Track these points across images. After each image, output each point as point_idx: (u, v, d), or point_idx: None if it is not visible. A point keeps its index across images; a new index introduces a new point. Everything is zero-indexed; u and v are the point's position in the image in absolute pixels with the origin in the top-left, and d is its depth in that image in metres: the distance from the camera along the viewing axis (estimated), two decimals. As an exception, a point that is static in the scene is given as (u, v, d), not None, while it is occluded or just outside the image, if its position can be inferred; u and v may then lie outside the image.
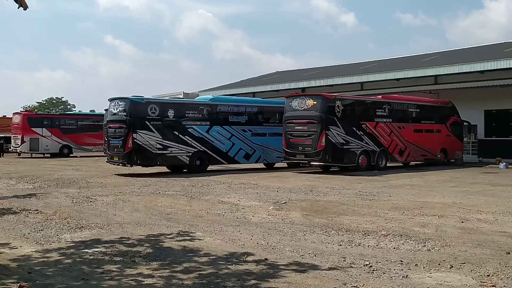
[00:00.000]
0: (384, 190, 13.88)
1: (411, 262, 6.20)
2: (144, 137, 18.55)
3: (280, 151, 21.67)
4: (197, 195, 12.84)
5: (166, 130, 19.17)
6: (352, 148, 20.00)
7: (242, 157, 21.38)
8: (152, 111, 18.79)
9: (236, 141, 21.14)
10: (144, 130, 18.56)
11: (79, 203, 11.55)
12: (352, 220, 9.27)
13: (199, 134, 19.97)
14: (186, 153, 19.61)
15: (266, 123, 22.50)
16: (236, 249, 6.90)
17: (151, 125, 18.71)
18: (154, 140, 18.77)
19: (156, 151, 18.83)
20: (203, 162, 20.15)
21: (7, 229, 8.44)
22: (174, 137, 19.31)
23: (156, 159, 19.03)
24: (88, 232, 8.23)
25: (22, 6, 4.40)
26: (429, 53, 34.78)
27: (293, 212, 10.21)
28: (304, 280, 5.44)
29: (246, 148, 21.46)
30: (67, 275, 5.62)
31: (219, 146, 20.59)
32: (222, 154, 20.73)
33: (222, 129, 20.77)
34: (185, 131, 19.59)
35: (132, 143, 18.34)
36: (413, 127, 22.62)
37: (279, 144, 21.67)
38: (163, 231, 8.25)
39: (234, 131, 21.13)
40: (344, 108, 19.85)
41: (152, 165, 19.47)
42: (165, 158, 19.32)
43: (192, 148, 19.78)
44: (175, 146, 19.33)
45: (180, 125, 19.54)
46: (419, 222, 9.03)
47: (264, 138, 22.11)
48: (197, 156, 19.92)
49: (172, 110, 19.42)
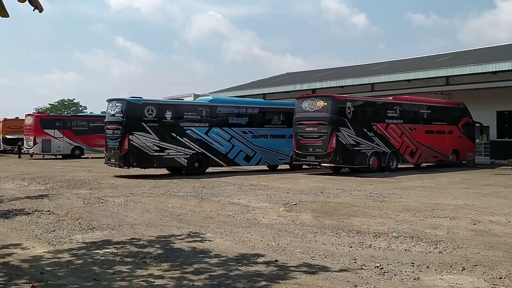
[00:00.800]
0: (395, 191, 13.80)
1: (423, 264, 6.17)
2: (141, 139, 18.34)
3: (282, 153, 21.66)
4: (207, 196, 12.86)
5: (164, 132, 18.93)
6: (363, 150, 19.90)
7: (242, 159, 21.03)
8: (149, 112, 18.55)
9: (236, 143, 20.76)
10: (140, 132, 18.35)
11: (90, 204, 11.62)
12: (362, 221, 9.23)
13: (197, 135, 19.68)
14: (184, 155, 19.31)
15: (267, 124, 22.09)
16: (247, 250, 6.90)
17: (148, 126, 18.48)
18: (151, 142, 18.54)
19: (153, 153, 18.60)
20: (202, 164, 19.86)
21: (19, 230, 8.52)
22: (172, 139, 19.06)
23: (153, 161, 18.80)
24: (99, 233, 8.28)
25: (37, 8, 4.43)
26: (440, 54, 34.55)
27: (304, 213, 10.20)
28: (315, 282, 5.43)
29: (246, 150, 21.07)
30: (78, 276, 5.66)
31: (218, 148, 20.24)
32: (222, 156, 20.37)
33: (222, 130, 20.40)
34: (183, 132, 19.31)
35: (129, 145, 18.15)
36: (424, 128, 22.46)
37: (280, 146, 21.67)
38: (174, 232, 8.27)
39: (234, 132, 20.74)
40: (354, 109, 19.77)
41: (149, 167, 19.25)
42: (162, 160, 19.06)
43: (190, 150, 19.47)
44: (172, 148, 19.08)
45: (178, 126, 19.26)
46: (430, 224, 8.97)
47: (265, 140, 21.71)
48: (196, 158, 19.62)
49: (169, 111, 19.15)
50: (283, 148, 21.92)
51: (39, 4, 4.45)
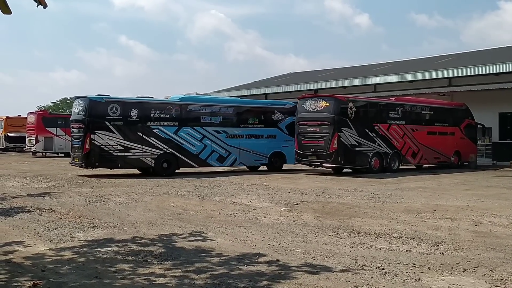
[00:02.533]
0: (397, 192, 13.80)
1: (424, 265, 6.17)
2: (104, 138, 17.72)
3: (258, 153, 21.17)
4: (209, 196, 12.87)
5: (129, 131, 18.24)
6: (365, 150, 19.90)
7: (215, 159, 20.17)
8: (113, 110, 17.90)
9: (208, 143, 19.94)
10: (103, 131, 17.72)
11: (92, 202, 11.64)
12: (364, 222, 9.23)
13: (166, 135, 18.94)
14: (151, 155, 18.60)
15: (243, 124, 21.14)
16: (248, 250, 6.91)
17: (111, 125, 17.84)
18: (115, 142, 17.91)
19: (116, 153, 17.97)
20: (171, 164, 19.13)
21: (21, 228, 8.54)
22: (138, 138, 18.36)
23: (117, 161, 18.15)
24: (101, 231, 8.30)
25: (41, 4, 4.43)
26: (443, 55, 34.55)
27: (305, 213, 10.20)
28: (316, 282, 5.43)
29: (220, 150, 20.23)
30: (80, 274, 5.68)
31: (189, 148, 19.47)
32: (193, 156, 19.58)
33: (193, 130, 19.60)
34: (150, 132, 18.60)
35: (90, 144, 17.57)
36: (426, 129, 22.44)
37: (257, 146, 21.14)
38: (175, 231, 8.29)
39: (207, 132, 19.92)
40: (356, 109, 19.77)
41: (113, 167, 18.47)
42: (127, 160, 18.32)
43: (158, 150, 18.76)
44: (138, 148, 18.39)
45: (144, 125, 18.57)
46: (432, 225, 8.97)
47: (240, 140, 20.83)
48: (164, 158, 18.89)
49: (135, 110, 18.40)
50: (260, 149, 21.31)
51: (43, 0, 4.45)
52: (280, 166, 21.86)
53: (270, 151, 21.48)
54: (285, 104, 22.77)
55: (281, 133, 21.80)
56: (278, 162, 21.80)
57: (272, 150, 21.56)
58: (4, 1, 4.31)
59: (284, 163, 21.97)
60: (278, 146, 21.71)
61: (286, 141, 21.72)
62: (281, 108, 22.24)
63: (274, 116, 21.85)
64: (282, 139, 21.76)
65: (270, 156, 21.52)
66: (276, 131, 21.75)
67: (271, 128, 21.70)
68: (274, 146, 21.63)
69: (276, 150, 21.64)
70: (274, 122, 21.78)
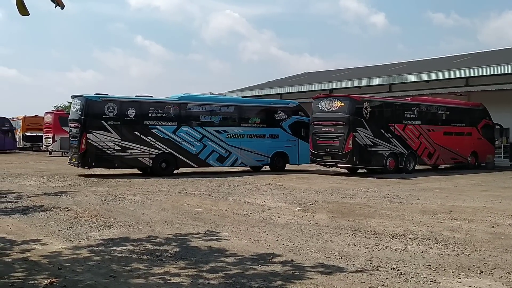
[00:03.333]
0: (412, 193, 13.69)
1: (440, 267, 6.11)
2: (100, 138, 17.55)
3: (260, 153, 20.74)
4: (223, 196, 12.90)
5: (126, 131, 18.04)
6: (380, 150, 19.78)
7: (215, 159, 19.80)
8: (110, 110, 17.72)
9: (208, 142, 19.58)
10: (99, 130, 17.55)
11: (107, 201, 11.74)
12: (379, 223, 9.17)
13: (164, 135, 18.67)
14: (148, 155, 18.36)
15: (244, 123, 20.73)
16: (262, 250, 6.91)
17: (108, 125, 17.65)
18: (112, 141, 17.72)
19: (113, 152, 17.77)
20: (169, 164, 18.88)
21: (38, 226, 8.65)
22: (135, 138, 18.14)
23: (113, 161, 17.95)
24: (116, 230, 8.36)
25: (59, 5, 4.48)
26: (460, 55, 34.20)
27: (319, 214, 10.17)
28: (330, 282, 5.41)
29: (219, 150, 19.84)
30: (96, 272, 5.73)
31: (188, 148, 19.15)
32: (192, 156, 19.24)
33: (192, 129, 19.29)
34: (147, 131, 18.36)
35: (86, 144, 17.39)
36: (442, 129, 22.22)
37: (259, 146, 20.69)
38: (190, 230, 8.32)
39: (206, 132, 19.56)
40: (372, 109, 19.65)
41: (109, 167, 18.31)
42: (124, 160, 18.10)
43: (156, 149, 18.51)
44: (135, 148, 18.16)
45: (142, 125, 18.33)
46: (448, 226, 8.88)
47: (241, 139, 20.38)
48: (162, 158, 18.65)
49: (133, 109, 18.21)
50: (261, 149, 20.82)
51: (60, 1, 4.50)
52: (283, 166, 21.43)
53: (272, 151, 21.04)
54: (288, 103, 22.44)
55: (283, 132, 21.36)
56: (281, 162, 21.37)
57: (274, 150, 21.12)
58: (22, 3, 4.37)
59: (287, 163, 21.51)
60: (281, 146, 21.26)
61: (288, 141, 21.38)
62: (283, 107, 21.84)
63: (277, 116, 21.36)
64: (284, 139, 21.34)
65: (273, 156, 21.08)
66: (279, 130, 21.30)
67: (273, 127, 21.23)
68: (276, 146, 21.16)
69: (278, 150, 21.20)
70: (277, 122, 21.32)
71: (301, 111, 22.09)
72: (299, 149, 21.50)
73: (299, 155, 21.51)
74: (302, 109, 22.29)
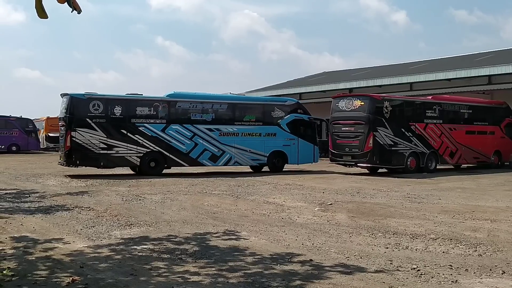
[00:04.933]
0: (434, 193, 13.53)
1: (461, 267, 6.04)
2: (85, 136, 17.40)
3: (256, 153, 20.12)
4: (242, 195, 12.93)
5: (112, 129, 17.83)
6: (401, 150, 19.61)
7: (207, 158, 19.35)
8: (95, 107, 17.55)
9: (199, 141, 19.12)
10: (84, 128, 17.41)
11: (128, 201, 11.86)
12: (399, 222, 9.09)
13: (152, 133, 18.36)
14: (136, 153, 18.11)
15: (238, 121, 20.07)
16: (281, 250, 6.91)
17: (93, 122, 17.49)
18: (97, 139, 17.55)
19: (99, 150, 17.59)
20: (158, 163, 18.62)
21: (61, 225, 8.78)
22: (122, 136, 17.92)
23: (99, 159, 17.77)
24: (137, 229, 8.45)
25: (76, 10, 4.55)
26: (483, 52, 33.67)
27: (339, 213, 10.13)
28: (350, 282, 5.39)
29: (212, 149, 19.35)
30: (117, 271, 5.79)
31: (178, 147, 18.76)
32: (182, 155, 18.86)
33: (182, 127, 18.86)
34: (135, 129, 18.09)
35: (71, 142, 17.29)
36: (465, 128, 21.93)
37: (255, 145, 20.06)
38: (210, 229, 8.36)
39: (197, 130, 19.10)
40: (392, 109, 19.50)
41: (95, 166, 18.19)
42: (111, 159, 17.92)
43: (144, 148, 18.23)
44: (122, 146, 17.93)
45: (129, 123, 18.08)
46: (470, 226, 8.76)
47: (235, 138, 19.81)
48: (150, 157, 18.39)
49: (119, 107, 17.99)
50: (257, 148, 20.15)
51: (77, 6, 4.56)
52: (281, 166, 20.80)
53: (269, 150, 20.35)
54: (286, 101, 21.84)
55: (281, 131, 20.63)
56: (280, 162, 20.73)
57: (272, 149, 20.43)
58: (41, 6, 4.44)
59: (286, 163, 20.86)
60: (279, 145, 20.56)
61: (287, 140, 20.68)
62: (281, 105, 21.11)
63: (274, 113, 20.64)
64: (283, 137, 20.61)
65: (270, 156, 20.41)
66: (276, 129, 20.58)
67: (270, 126, 20.55)
68: (273, 145, 20.46)
69: (276, 149, 20.52)
70: (274, 120, 20.60)
71: (300, 109, 21.50)
72: (299, 148, 20.91)
73: (299, 155, 20.90)
74: (302, 106, 21.85)
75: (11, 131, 37.45)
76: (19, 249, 6.89)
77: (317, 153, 21.63)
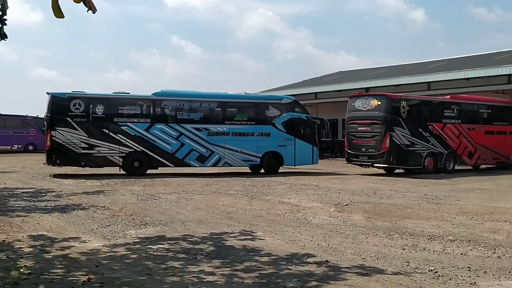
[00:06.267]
0: (452, 193, 13.36)
1: (480, 269, 5.93)
2: (65, 135, 17.21)
3: (248, 153, 19.31)
4: (257, 195, 12.90)
5: (93, 128, 17.58)
6: (418, 150, 19.41)
7: (194, 159, 18.74)
8: (76, 107, 17.31)
9: (186, 141, 18.54)
10: (64, 128, 17.23)
11: (144, 200, 11.91)
12: (416, 224, 8.98)
13: (136, 132, 17.97)
14: (118, 153, 17.78)
15: (228, 121, 19.26)
16: (297, 250, 6.87)
17: (74, 122, 17.28)
18: (78, 139, 17.32)
19: (80, 150, 17.36)
20: (142, 163, 18.16)
21: (77, 224, 8.84)
22: (103, 136, 17.63)
23: (80, 159, 17.50)
24: (152, 229, 8.47)
25: (91, 9, 4.57)
26: (503, 51, 33.11)
27: (355, 214, 10.04)
28: (366, 284, 5.33)
29: (199, 149, 18.72)
30: (132, 270, 5.80)
31: (163, 147, 18.29)
32: (167, 155, 18.36)
33: (168, 127, 18.36)
34: (117, 129, 17.77)
35: (51, 141, 17.14)
36: (484, 128, 21.62)
37: (246, 145, 19.22)
38: (225, 229, 8.35)
39: (184, 129, 18.51)
40: (409, 108, 19.31)
41: (76, 165, 18.00)
42: (92, 159, 17.63)
43: (127, 148, 17.86)
44: (104, 146, 17.64)
45: (111, 122, 17.77)
46: (489, 227, 8.61)
47: (225, 138, 19.02)
48: (134, 157, 18.02)
49: (101, 106, 17.69)
50: (249, 148, 19.27)
51: (93, 5, 4.58)
52: (277, 168, 19.83)
53: (262, 150, 19.42)
54: (282, 99, 20.82)
55: (276, 130, 19.64)
56: (276, 163, 19.76)
57: (265, 149, 19.48)
58: (57, 6, 4.46)
59: (281, 164, 19.90)
60: (273, 146, 19.58)
61: (282, 140, 19.69)
62: (276, 103, 20.10)
63: (268, 112, 19.67)
64: (277, 137, 19.62)
65: (263, 157, 19.49)
66: (270, 128, 19.61)
67: (263, 125, 19.59)
68: (267, 145, 19.50)
69: (270, 150, 19.57)
70: (268, 119, 19.64)
71: (298, 107, 20.51)
72: (296, 148, 19.87)
73: (295, 155, 19.85)
74: (299, 105, 20.93)
75: (28, 131, 37.84)
76: (36, 247, 6.95)
77: (317, 154, 20.63)
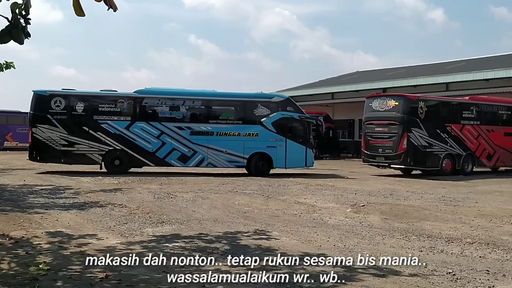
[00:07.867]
0: (470, 195, 13.20)
1: (499, 272, 5.85)
2: (45, 132, 17.51)
3: (233, 154, 18.48)
4: (273, 195, 12.89)
5: (73, 125, 17.76)
6: (436, 151, 19.23)
7: (176, 159, 18.33)
8: (57, 104, 17.59)
9: (167, 140, 18.18)
10: (45, 125, 17.52)
11: (160, 198, 11.98)
12: (434, 226, 8.89)
13: (115, 130, 17.94)
14: (98, 151, 17.85)
15: (213, 119, 18.61)
16: (313, 250, 6.84)
17: (54, 119, 17.55)
18: (58, 136, 17.58)
19: (59, 147, 17.61)
20: (122, 162, 18.11)
21: (94, 221, 8.93)
22: (83, 133, 17.76)
23: (59, 156, 17.78)
24: (168, 227, 8.51)
25: (111, 8, 4.59)
26: (523, 52, 32.66)
27: (372, 215, 9.98)
28: (383, 285, 5.29)
29: (181, 148, 18.30)
30: (149, 267, 5.84)
31: (143, 145, 18.11)
32: (147, 154, 18.13)
33: (149, 125, 18.14)
34: (97, 126, 17.81)
35: (32, 138, 17.63)
36: (503, 130, 21.36)
37: (232, 146, 18.45)
38: (240, 229, 8.35)
39: (165, 128, 18.19)
40: (427, 109, 19.14)
41: (55, 162, 18.27)
42: (71, 156, 17.81)
43: (106, 146, 17.87)
44: (84, 143, 17.76)
45: (90, 120, 17.84)
46: (508, 230, 8.50)
47: (209, 137, 18.36)
48: (113, 155, 18.01)
49: (81, 103, 17.91)
50: (235, 149, 18.46)
51: (113, 3, 4.60)
52: (267, 170, 18.66)
53: (250, 151, 18.51)
54: (272, 97, 19.70)
55: (265, 131, 18.60)
56: (265, 165, 18.64)
57: (253, 150, 18.54)
58: (78, 4, 4.49)
59: (271, 166, 18.77)
60: (262, 146, 18.57)
61: (272, 141, 18.64)
62: (266, 101, 18.98)
63: (256, 111, 18.69)
64: (266, 138, 18.59)
65: (250, 158, 18.57)
66: (259, 128, 18.60)
67: (251, 124, 18.67)
68: (255, 146, 18.54)
69: (258, 151, 18.58)
70: (257, 118, 18.67)
71: (290, 106, 19.13)
72: (287, 150, 18.71)
73: (286, 157, 18.70)
74: (292, 103, 19.48)
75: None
76: (54, 244, 7.03)
77: (310, 156, 19.13)
